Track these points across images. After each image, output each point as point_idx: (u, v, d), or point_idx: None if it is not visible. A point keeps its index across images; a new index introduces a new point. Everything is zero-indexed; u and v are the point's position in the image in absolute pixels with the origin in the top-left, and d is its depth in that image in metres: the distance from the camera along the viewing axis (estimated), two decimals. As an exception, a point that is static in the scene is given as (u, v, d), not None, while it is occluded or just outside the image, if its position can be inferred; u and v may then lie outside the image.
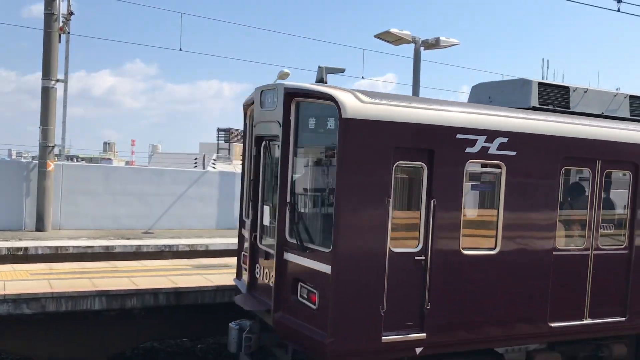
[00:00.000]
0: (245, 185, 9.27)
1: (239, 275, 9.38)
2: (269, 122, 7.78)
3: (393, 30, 17.58)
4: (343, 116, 6.47)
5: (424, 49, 18.35)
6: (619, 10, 14.42)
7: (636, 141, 8.55)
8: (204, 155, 32.71)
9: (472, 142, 7.18)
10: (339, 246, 6.54)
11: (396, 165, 6.77)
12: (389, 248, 6.75)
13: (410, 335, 6.92)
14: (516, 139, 7.45)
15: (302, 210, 7.58)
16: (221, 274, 10.96)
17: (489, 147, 7.29)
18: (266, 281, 7.91)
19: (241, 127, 9.99)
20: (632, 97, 9.58)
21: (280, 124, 7.31)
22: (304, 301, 7.01)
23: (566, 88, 9.00)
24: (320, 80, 7.85)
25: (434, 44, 18.13)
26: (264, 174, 8.31)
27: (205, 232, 20.01)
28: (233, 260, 10.02)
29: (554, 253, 7.87)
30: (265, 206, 8.03)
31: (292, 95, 7.27)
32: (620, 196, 8.67)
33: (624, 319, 8.54)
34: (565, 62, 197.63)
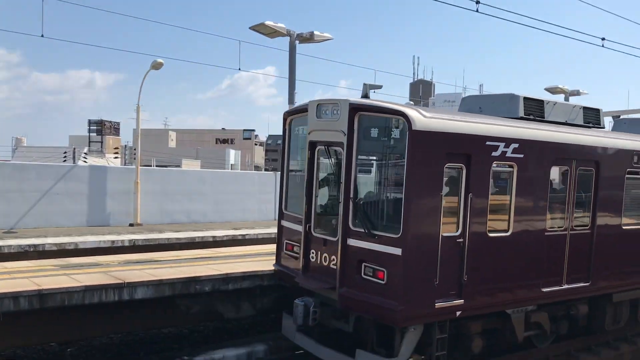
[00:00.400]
0: (285, 182, 10.83)
1: (278, 260, 10.88)
2: (327, 130, 9.39)
3: (268, 22, 18.31)
4: (413, 128, 8.21)
5: (299, 43, 19.36)
6: (477, 10, 14.51)
7: (596, 144, 11.06)
8: (74, 149, 31.76)
9: (496, 148, 9.17)
10: (408, 232, 8.28)
11: (446, 166, 8.60)
12: (441, 233, 8.57)
13: (454, 302, 8.85)
14: (525, 144, 9.55)
15: (367, 204, 9.14)
16: (91, 274, 10.61)
17: (507, 151, 9.31)
18: (325, 264, 9.43)
19: (115, 120, 11.25)
20: (585, 108, 12.14)
21: (344, 133, 8.89)
22: (370, 278, 8.67)
23: (542, 102, 11.31)
24: (365, 96, 9.56)
25: (308, 38, 19.26)
26: (316, 174, 9.81)
27: (75, 230, 19.26)
28: (106, 259, 11.08)
29: (546, 234, 10.13)
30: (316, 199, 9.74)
31: (357, 109, 8.92)
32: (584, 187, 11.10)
33: (588, 284, 11.00)
34: (433, 58, 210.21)
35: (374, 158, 9.35)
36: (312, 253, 9.74)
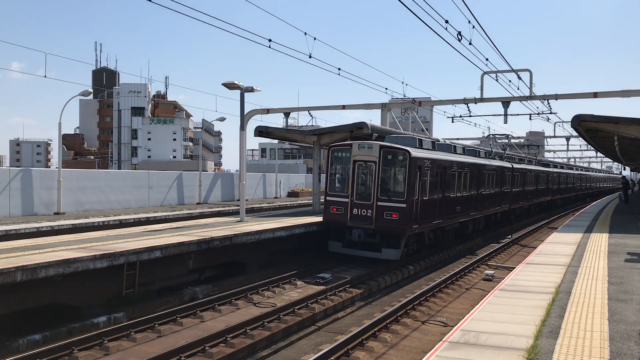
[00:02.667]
0: (329, 179, 20.10)
1: (326, 216, 19.95)
2: (365, 155, 18.89)
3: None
4: (412, 156, 18.38)
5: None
6: (151, 0, 14.51)
7: (467, 161, 23.92)
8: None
9: (424, 161, 19.00)
10: (407, 197, 18.25)
11: (417, 170, 18.54)
12: (415, 198, 18.53)
13: (416, 225, 18.90)
14: (436, 159, 20.27)
15: (387, 187, 18.73)
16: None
17: (427, 163, 19.22)
18: (363, 214, 18.73)
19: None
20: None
21: (377, 158, 18.69)
22: (389, 217, 18.26)
23: (436, 141, 22.18)
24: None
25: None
26: (357, 175, 19.14)
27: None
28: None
29: (451, 196, 22.02)
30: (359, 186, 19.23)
31: (382, 147, 18.79)
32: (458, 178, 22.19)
33: (468, 217, 24.57)
34: (117, 47, 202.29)
35: (389, 168, 18.94)
36: (355, 210, 18.98)
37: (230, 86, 20.26)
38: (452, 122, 38.55)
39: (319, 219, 21.35)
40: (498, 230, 30.63)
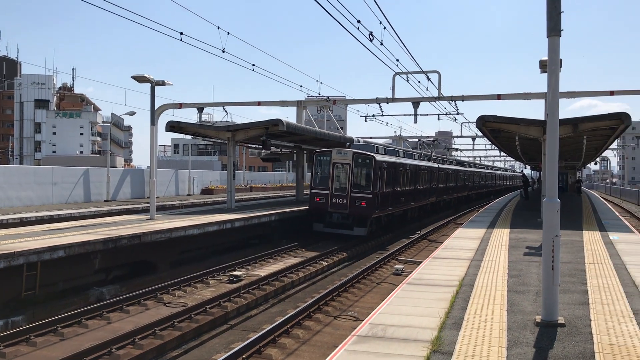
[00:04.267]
0: (313, 177, 25.28)
1: (311, 204, 25.15)
2: (341, 159, 24.26)
3: None
4: (376, 160, 24.13)
5: None
6: None
7: (409, 162, 30.16)
8: None
9: (383, 164, 24.77)
10: (371, 190, 23.89)
11: (378, 170, 24.13)
12: (374, 191, 24.08)
13: (377, 211, 24.53)
14: (392, 162, 26.27)
15: (357, 183, 24.15)
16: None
17: (384, 164, 24.88)
18: (340, 202, 24.07)
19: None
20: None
21: (350, 161, 24.15)
22: (359, 205, 23.76)
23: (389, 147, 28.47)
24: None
25: None
26: (335, 174, 24.36)
27: None
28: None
29: (403, 189, 28.47)
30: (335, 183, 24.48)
31: (354, 154, 24.25)
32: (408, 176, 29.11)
33: (416, 204, 31.81)
34: (19, 36, 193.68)
35: (360, 169, 24.32)
36: (334, 199, 24.21)
37: (140, 79, 19.66)
38: (366, 121, 39.41)
39: (235, 215, 21.17)
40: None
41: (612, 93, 33.49)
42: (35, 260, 12.55)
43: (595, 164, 70.14)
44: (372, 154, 24.49)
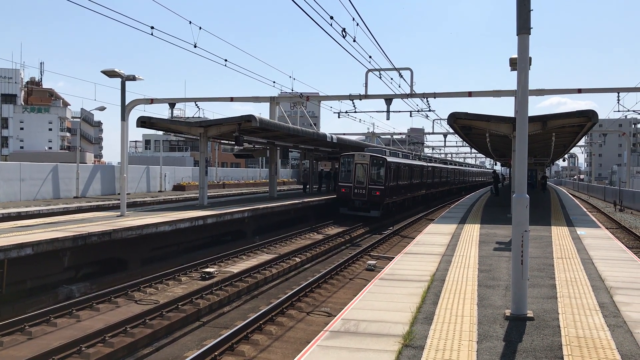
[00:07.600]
0: (339, 174, 33.74)
1: (337, 194, 33.05)
2: (361, 160, 32.13)
3: None
4: (388, 161, 32.23)
5: None
6: None
7: (407, 162, 38.38)
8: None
9: (391, 164, 32.44)
10: (384, 183, 31.86)
11: (389, 168, 32.33)
12: (386, 184, 32.09)
13: (387, 199, 32.63)
14: (397, 162, 33.37)
15: (373, 178, 32.05)
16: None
17: (392, 164, 32.09)
18: (361, 193, 31.87)
19: None
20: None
21: (368, 162, 32.07)
22: (374, 194, 31.65)
23: (392, 150, 34.90)
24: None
25: None
26: (357, 171, 32.20)
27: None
28: None
29: (407, 182, 37.47)
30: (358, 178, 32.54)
31: (371, 157, 32.05)
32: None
33: (422, 192, 42.74)
34: None
35: (375, 168, 32.10)
36: (356, 190, 31.85)
37: (111, 74, 19.37)
38: (339, 117, 39.38)
39: (208, 212, 21.04)
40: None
41: (579, 91, 34.20)
42: (2, 258, 12.29)
43: (564, 160, 71.29)
44: (384, 156, 32.58)
